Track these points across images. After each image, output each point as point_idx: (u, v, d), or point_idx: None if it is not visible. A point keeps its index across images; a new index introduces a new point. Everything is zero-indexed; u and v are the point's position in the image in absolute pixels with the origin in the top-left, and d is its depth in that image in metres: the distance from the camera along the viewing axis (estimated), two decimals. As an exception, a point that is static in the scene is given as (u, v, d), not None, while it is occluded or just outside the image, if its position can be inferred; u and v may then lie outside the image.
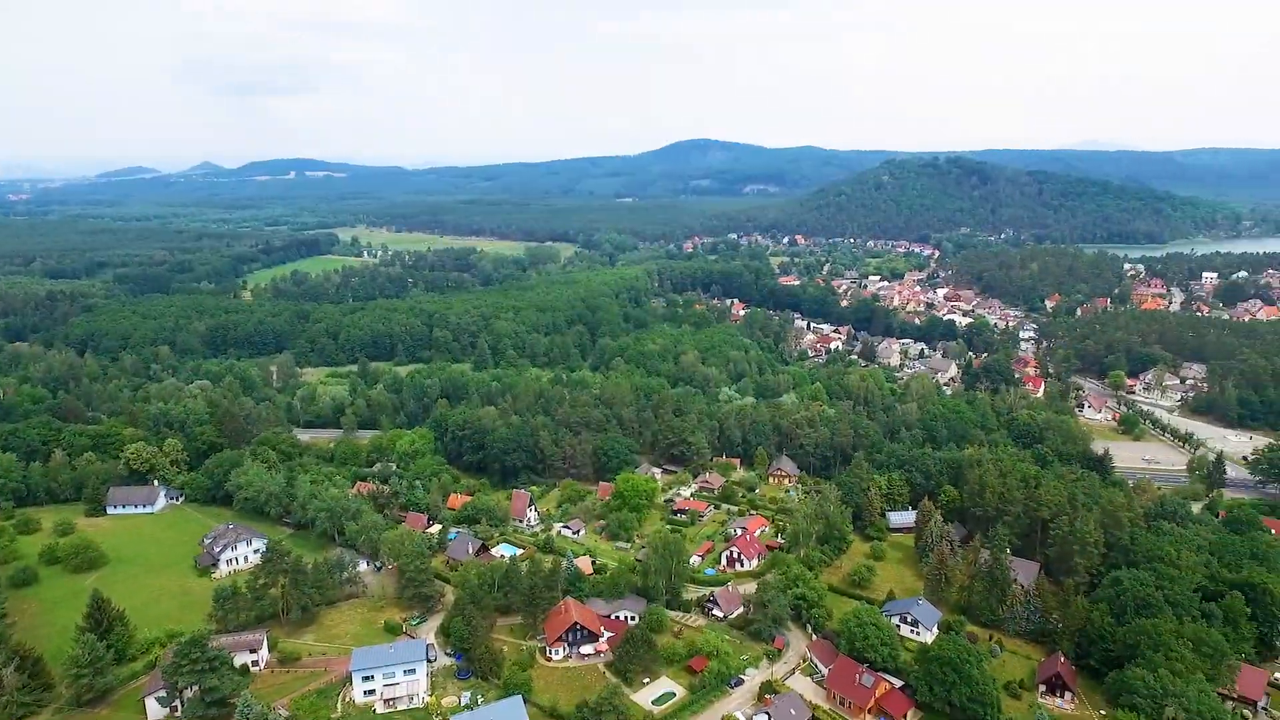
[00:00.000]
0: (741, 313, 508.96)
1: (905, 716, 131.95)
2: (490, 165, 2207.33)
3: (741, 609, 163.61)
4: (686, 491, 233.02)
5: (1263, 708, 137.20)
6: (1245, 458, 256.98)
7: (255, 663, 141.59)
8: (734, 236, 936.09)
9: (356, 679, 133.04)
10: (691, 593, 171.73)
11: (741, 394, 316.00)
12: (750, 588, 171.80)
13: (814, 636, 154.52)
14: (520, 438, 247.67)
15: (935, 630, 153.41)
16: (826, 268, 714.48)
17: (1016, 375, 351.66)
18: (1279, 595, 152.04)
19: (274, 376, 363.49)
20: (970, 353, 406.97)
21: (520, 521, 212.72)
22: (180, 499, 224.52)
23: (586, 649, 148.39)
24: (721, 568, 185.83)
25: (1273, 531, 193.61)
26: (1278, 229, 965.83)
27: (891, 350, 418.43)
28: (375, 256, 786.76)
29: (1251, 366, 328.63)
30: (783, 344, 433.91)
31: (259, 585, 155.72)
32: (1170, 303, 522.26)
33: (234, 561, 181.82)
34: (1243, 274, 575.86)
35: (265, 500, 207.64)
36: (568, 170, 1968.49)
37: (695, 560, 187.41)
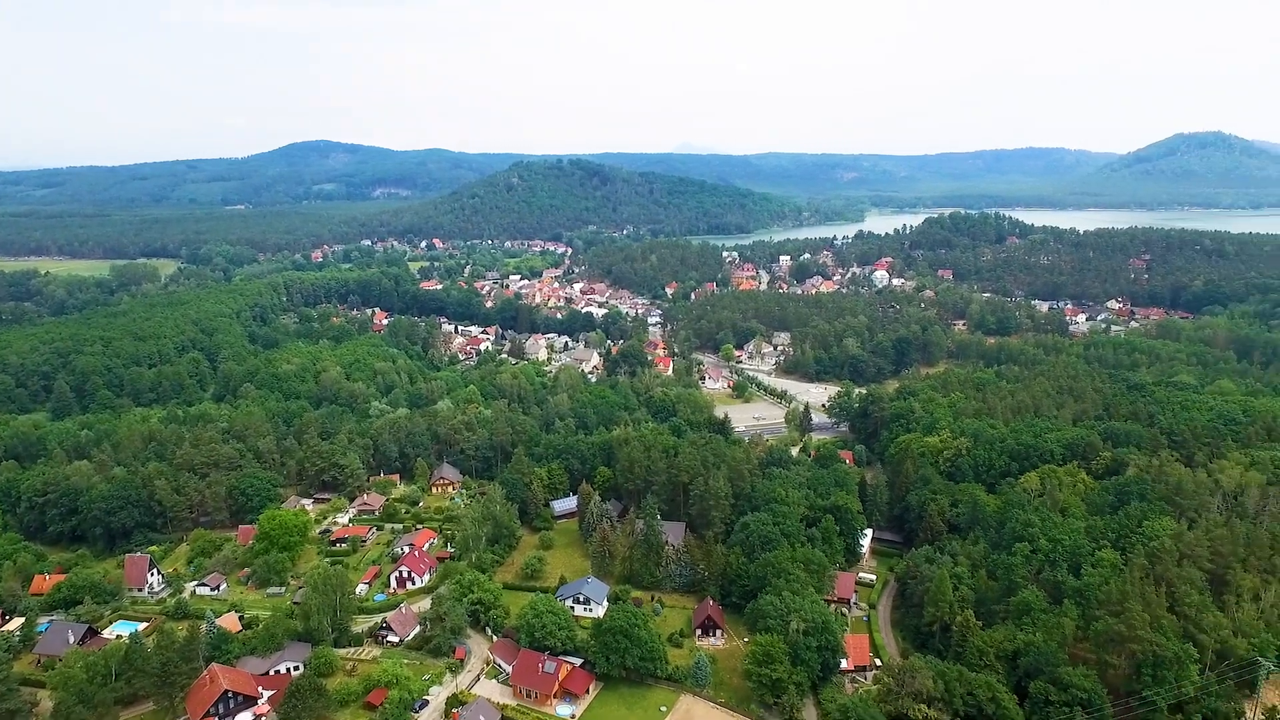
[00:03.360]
0: (385, 322, 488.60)
1: (587, 691, 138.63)
2: (50, 169, 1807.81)
3: (418, 628, 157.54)
4: (344, 518, 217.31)
5: (854, 603, 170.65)
6: (824, 405, 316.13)
7: None
8: (368, 243, 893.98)
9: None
10: (362, 623, 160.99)
11: (394, 406, 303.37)
12: (425, 604, 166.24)
13: (495, 638, 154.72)
14: (128, 492, 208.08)
15: (605, 603, 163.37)
16: (468, 270, 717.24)
17: (649, 357, 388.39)
18: (856, 512, 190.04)
19: None
20: (609, 341, 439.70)
21: (140, 590, 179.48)
22: None
23: (244, 716, 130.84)
24: (392, 590, 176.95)
25: (847, 462, 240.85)
26: (826, 218, 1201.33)
27: (538, 346, 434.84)
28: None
29: (820, 331, 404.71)
30: (432, 350, 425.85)
31: None
32: (760, 283, 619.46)
33: None
34: (807, 256, 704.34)
35: None
36: (159, 174, 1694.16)
37: (362, 588, 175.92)
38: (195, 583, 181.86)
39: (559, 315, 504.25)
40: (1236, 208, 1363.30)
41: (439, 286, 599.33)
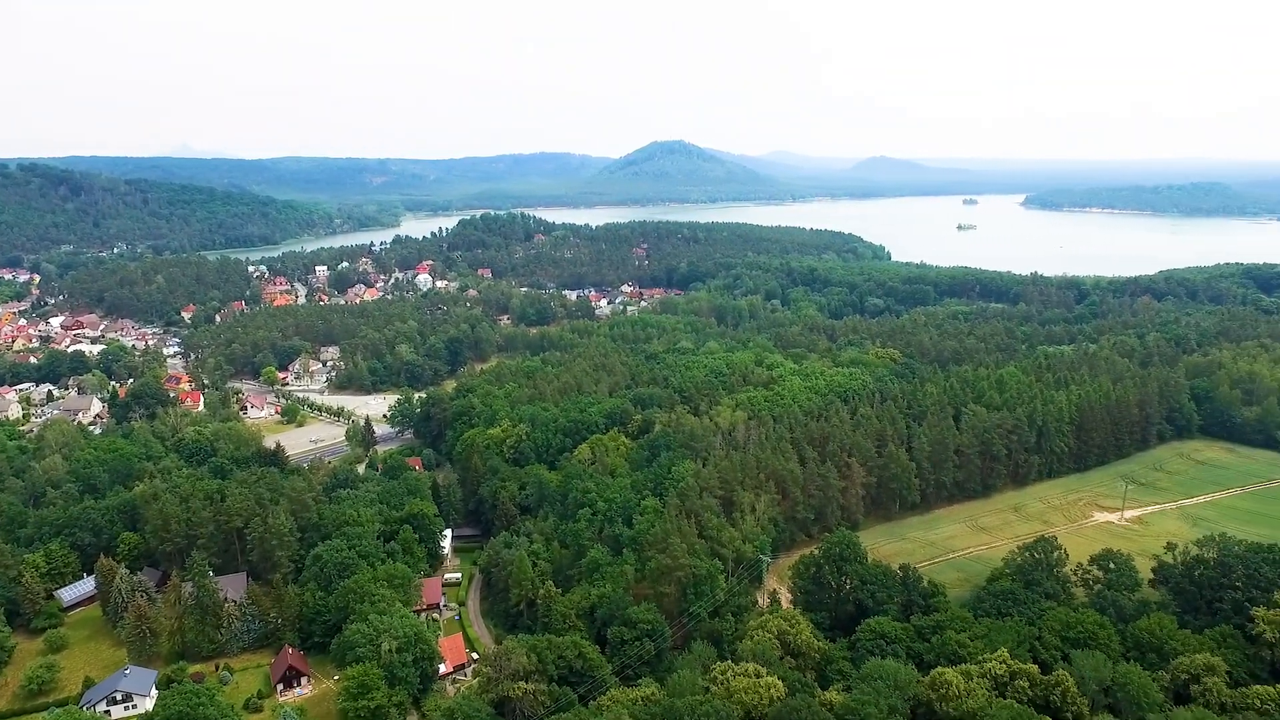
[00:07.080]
0: None
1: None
2: None
3: None
4: None
5: (444, 605, 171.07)
6: (385, 415, 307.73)
7: None
8: None
9: None
10: None
11: None
12: None
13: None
14: None
15: (154, 693, 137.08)
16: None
17: (172, 394, 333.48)
18: (433, 516, 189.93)
19: None
20: (113, 382, 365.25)
21: None
22: None
23: None
24: None
25: (416, 468, 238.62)
26: (361, 224, 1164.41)
27: (8, 402, 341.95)
28: None
29: (371, 340, 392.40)
30: None
31: None
32: (297, 297, 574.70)
33: None
34: (345, 264, 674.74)
35: None
36: None
37: None
38: None
39: (34, 359, 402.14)
40: (700, 202, 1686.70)
41: None
